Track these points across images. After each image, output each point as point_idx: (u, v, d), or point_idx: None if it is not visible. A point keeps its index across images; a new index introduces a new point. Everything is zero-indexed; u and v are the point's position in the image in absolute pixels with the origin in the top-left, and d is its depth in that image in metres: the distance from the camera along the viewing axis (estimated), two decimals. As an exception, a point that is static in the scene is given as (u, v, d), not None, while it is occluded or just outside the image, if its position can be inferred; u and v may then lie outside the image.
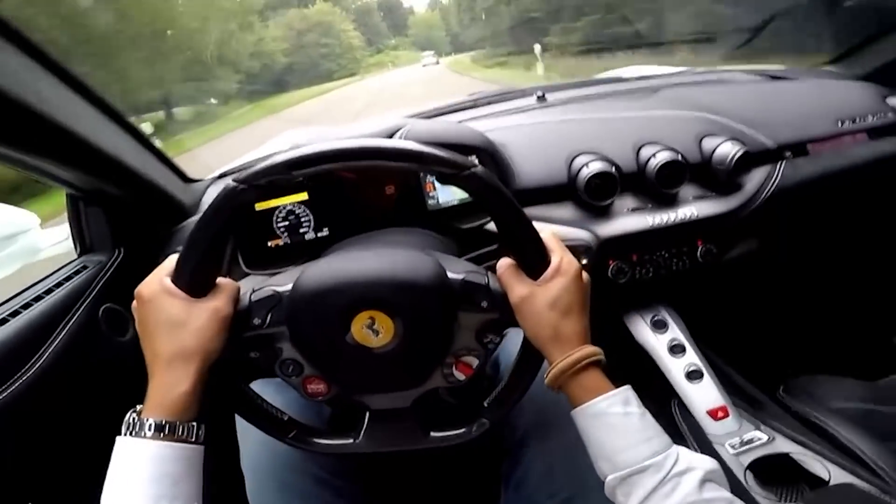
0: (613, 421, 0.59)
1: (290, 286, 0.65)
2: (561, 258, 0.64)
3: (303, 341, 0.66)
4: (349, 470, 0.87)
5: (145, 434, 0.55)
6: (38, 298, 0.85)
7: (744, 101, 1.19)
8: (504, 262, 0.65)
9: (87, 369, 0.88)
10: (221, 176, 1.26)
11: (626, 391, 0.60)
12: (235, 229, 0.98)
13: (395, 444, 0.72)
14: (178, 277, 0.62)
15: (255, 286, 0.68)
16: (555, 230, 0.98)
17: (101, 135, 0.87)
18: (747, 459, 0.95)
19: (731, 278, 1.25)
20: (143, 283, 0.63)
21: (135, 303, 0.63)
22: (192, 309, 0.60)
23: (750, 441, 1.00)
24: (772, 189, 1.08)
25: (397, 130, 0.98)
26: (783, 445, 0.96)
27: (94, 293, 0.93)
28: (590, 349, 0.61)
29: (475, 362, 0.67)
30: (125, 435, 0.56)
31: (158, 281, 0.62)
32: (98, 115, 0.88)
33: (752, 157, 1.05)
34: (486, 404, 0.70)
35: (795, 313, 1.43)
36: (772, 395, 1.15)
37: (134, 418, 0.57)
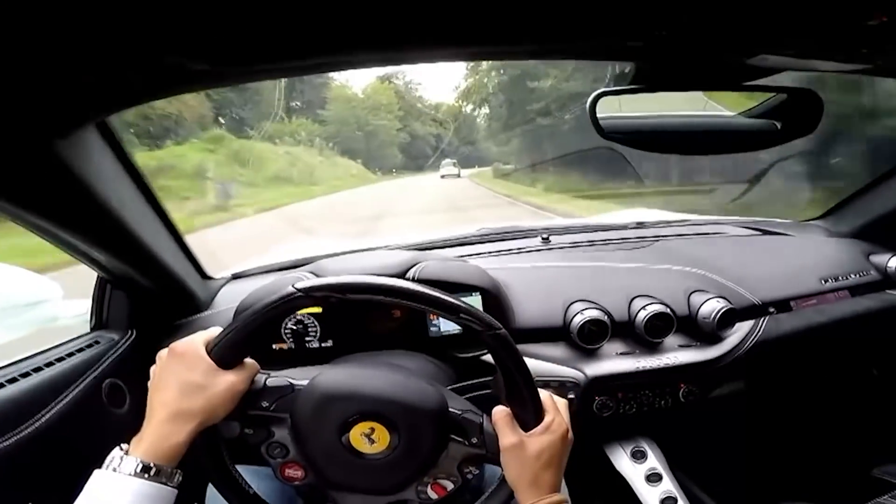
0: None
1: (305, 381, 0.72)
2: (553, 418, 0.72)
3: (301, 431, 0.72)
4: None
5: (129, 472, 0.60)
6: (49, 364, 0.91)
7: (734, 257, 1.28)
8: (500, 410, 0.72)
9: (83, 434, 0.92)
10: (235, 277, 1.35)
11: None
12: (276, 326, 1.07)
13: None
14: (213, 348, 0.68)
15: (270, 373, 0.75)
16: (545, 369, 1.08)
17: (146, 229, 0.94)
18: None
19: (712, 414, 1.31)
20: (179, 341, 0.70)
21: (163, 352, 0.70)
22: (213, 378, 0.67)
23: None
24: (753, 341, 1.16)
25: (411, 266, 1.07)
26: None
27: (101, 367, 0.99)
28: (559, 497, 0.69)
29: (450, 486, 0.74)
30: (107, 469, 0.61)
31: (195, 344, 0.69)
32: (147, 209, 0.95)
33: (737, 313, 1.13)
34: None
35: (775, 445, 1.48)
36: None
37: (121, 456, 0.61)
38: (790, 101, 0.80)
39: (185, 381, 0.66)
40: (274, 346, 1.09)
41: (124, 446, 0.63)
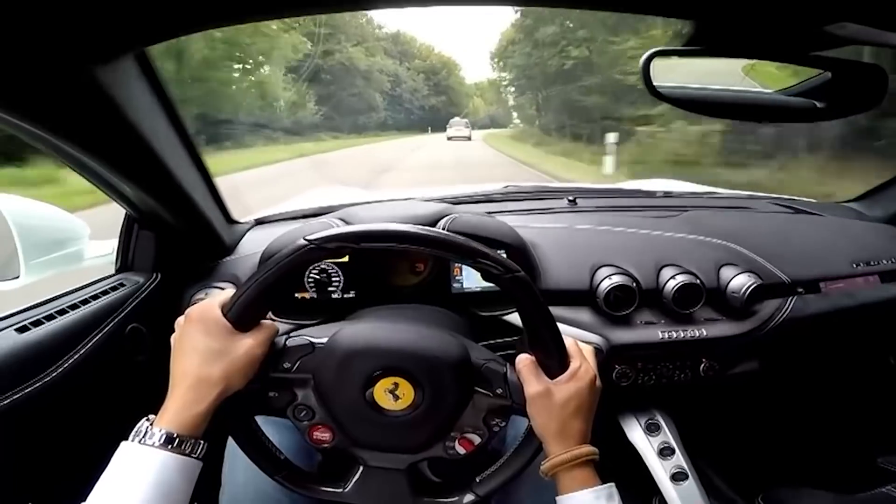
0: None
1: (325, 339, 0.72)
2: (580, 365, 0.71)
3: (325, 391, 0.71)
4: None
5: (154, 443, 0.60)
6: (73, 307, 0.91)
7: (765, 233, 1.26)
8: (524, 358, 0.72)
9: (103, 381, 0.94)
10: (259, 222, 1.33)
11: (611, 488, 0.68)
12: (295, 278, 1.07)
13: (383, 502, 0.77)
14: (229, 310, 0.67)
15: (290, 332, 0.74)
16: (569, 332, 1.06)
17: (178, 165, 0.93)
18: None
19: (728, 391, 1.31)
20: (195, 306, 0.69)
21: (181, 319, 0.70)
22: (231, 342, 0.66)
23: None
24: (780, 320, 1.14)
25: (442, 217, 1.06)
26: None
27: (125, 311, 1.00)
28: (588, 448, 0.69)
29: (477, 440, 0.73)
30: (133, 440, 0.61)
31: (210, 307, 0.68)
32: (180, 146, 0.94)
33: (766, 290, 1.11)
34: (478, 479, 0.76)
35: (784, 427, 1.49)
36: (751, 502, 1.21)
37: (147, 427, 0.62)
38: (851, 76, 0.77)
39: (204, 348, 0.66)
40: (297, 295, 1.08)
41: (151, 417, 0.64)
